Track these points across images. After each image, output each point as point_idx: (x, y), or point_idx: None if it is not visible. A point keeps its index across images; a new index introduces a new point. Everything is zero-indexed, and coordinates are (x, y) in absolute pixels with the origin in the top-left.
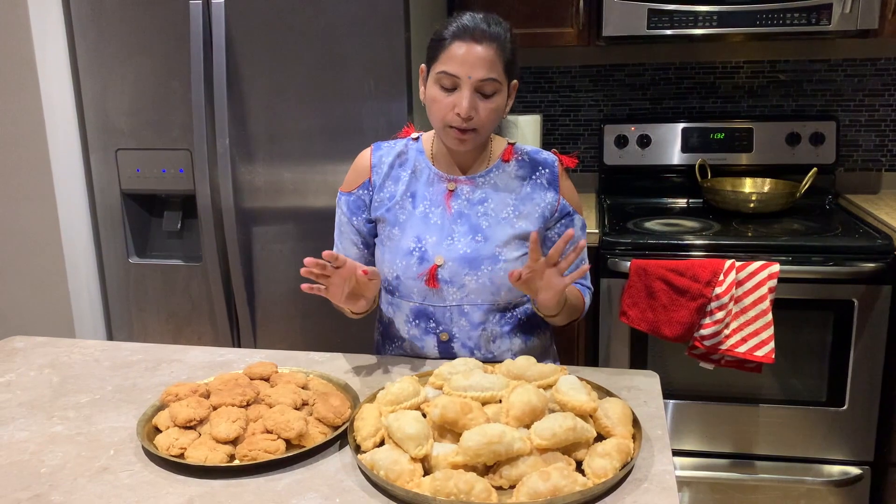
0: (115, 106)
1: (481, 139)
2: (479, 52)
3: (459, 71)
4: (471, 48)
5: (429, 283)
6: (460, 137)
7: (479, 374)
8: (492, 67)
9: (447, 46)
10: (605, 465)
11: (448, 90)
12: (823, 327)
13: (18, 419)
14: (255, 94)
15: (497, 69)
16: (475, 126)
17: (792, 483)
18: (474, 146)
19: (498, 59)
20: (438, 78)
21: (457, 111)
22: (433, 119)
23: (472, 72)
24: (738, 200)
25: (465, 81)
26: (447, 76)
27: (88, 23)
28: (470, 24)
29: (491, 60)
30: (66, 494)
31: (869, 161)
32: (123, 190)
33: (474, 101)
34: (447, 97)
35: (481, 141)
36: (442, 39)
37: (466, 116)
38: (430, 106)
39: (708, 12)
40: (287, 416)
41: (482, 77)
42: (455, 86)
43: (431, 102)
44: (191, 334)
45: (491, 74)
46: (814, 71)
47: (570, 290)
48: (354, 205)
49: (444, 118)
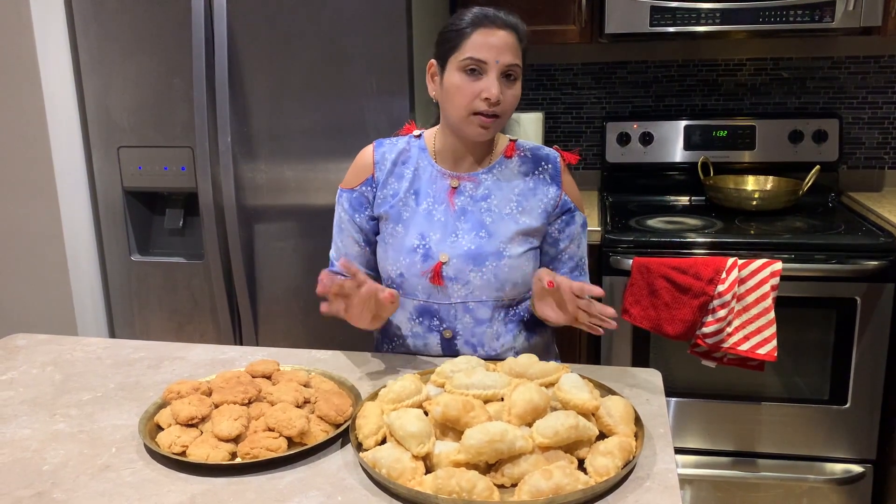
0: (117, 103)
1: (500, 127)
2: (505, 37)
3: (488, 56)
4: (497, 33)
5: (433, 281)
6: (485, 123)
7: (481, 372)
8: (515, 53)
9: (470, 35)
10: (608, 463)
11: (473, 77)
12: (826, 325)
13: (21, 417)
14: (257, 92)
15: (519, 55)
16: (500, 112)
17: (794, 481)
18: (494, 134)
19: (518, 46)
20: (464, 65)
21: (485, 96)
22: (455, 108)
23: (499, 56)
24: (740, 198)
25: (492, 66)
26: (474, 61)
27: (90, 20)
28: (490, 13)
29: (514, 46)
30: (68, 492)
31: (872, 159)
32: (125, 187)
33: (500, 86)
34: (473, 84)
35: (500, 129)
36: (461, 30)
37: (496, 99)
38: (453, 95)
39: (711, 9)
40: (289, 414)
41: (509, 62)
42: (482, 71)
43: (455, 91)
44: (193, 332)
45: (515, 60)
46: (817, 68)
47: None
48: (357, 201)
49: (470, 105)
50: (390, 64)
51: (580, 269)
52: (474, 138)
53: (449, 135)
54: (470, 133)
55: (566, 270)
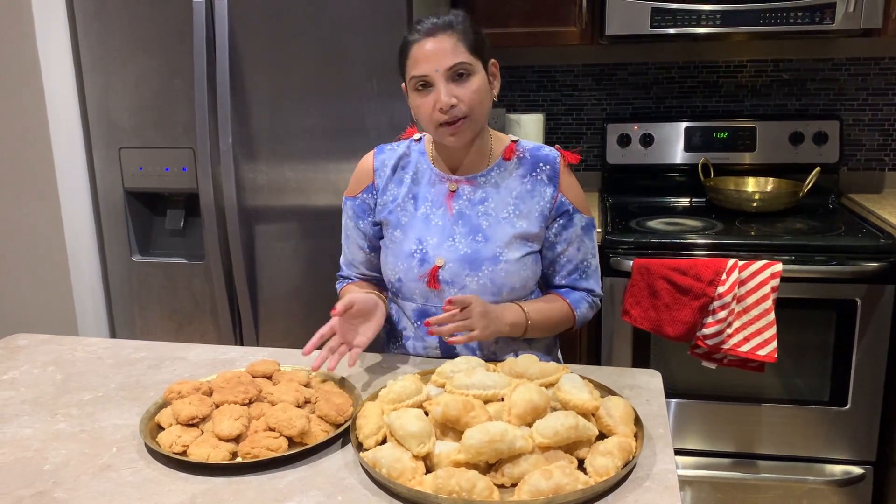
0: (118, 104)
1: (476, 125)
2: (437, 43)
3: (426, 68)
4: (430, 43)
5: (430, 285)
6: (453, 130)
7: (481, 372)
8: (455, 53)
9: (409, 53)
10: (607, 463)
11: (425, 92)
12: (826, 327)
13: (22, 416)
14: (258, 93)
15: (461, 52)
16: (463, 113)
17: (794, 482)
18: (472, 135)
19: (459, 43)
20: (413, 84)
21: (438, 106)
22: (425, 125)
23: (437, 64)
24: (740, 199)
25: (434, 76)
26: (419, 79)
27: (92, 21)
28: (422, 24)
29: (452, 46)
30: (69, 491)
31: (872, 160)
32: (126, 188)
33: (451, 89)
34: (427, 99)
35: (477, 128)
36: (402, 50)
37: (447, 105)
38: (417, 114)
39: (711, 11)
40: (289, 414)
41: (449, 65)
42: (430, 84)
43: (416, 110)
44: (193, 332)
45: (457, 59)
46: (817, 70)
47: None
48: (359, 209)
49: (432, 118)
50: (391, 65)
51: (579, 273)
52: (453, 145)
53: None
54: (446, 143)
55: (564, 274)
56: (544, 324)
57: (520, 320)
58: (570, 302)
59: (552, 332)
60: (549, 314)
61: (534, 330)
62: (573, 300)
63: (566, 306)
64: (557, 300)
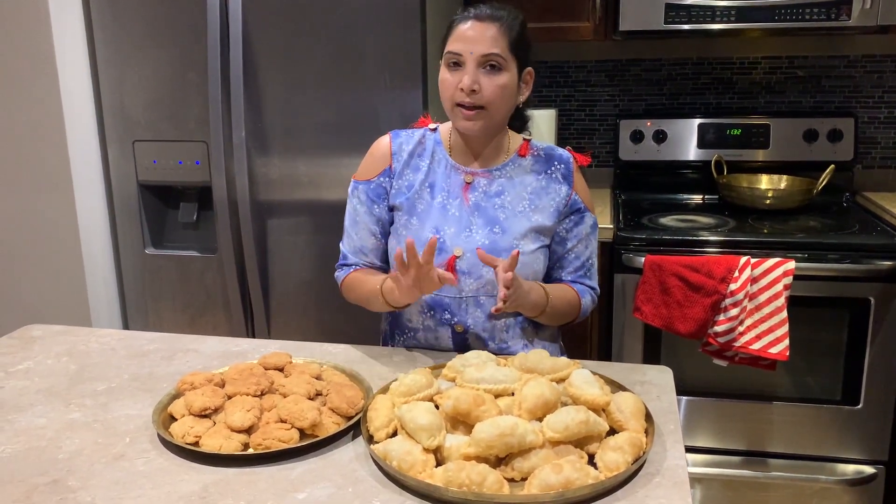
0: (132, 98)
1: (491, 120)
2: (481, 29)
3: (462, 48)
4: (474, 26)
5: None
6: (467, 115)
7: (492, 366)
8: (493, 43)
9: (454, 29)
10: (618, 458)
11: (454, 70)
12: (839, 325)
13: (37, 406)
14: (271, 87)
15: (500, 45)
16: (482, 103)
17: (805, 481)
18: (484, 128)
19: (501, 36)
20: (446, 59)
21: (460, 86)
22: (444, 102)
23: (473, 47)
24: (754, 197)
25: (467, 57)
26: (452, 55)
27: (107, 15)
28: (476, 8)
29: (493, 37)
30: (82, 480)
31: (888, 158)
32: (140, 181)
33: (477, 76)
34: (453, 76)
35: (492, 123)
36: (449, 26)
37: (469, 88)
38: (441, 89)
39: (726, 7)
40: (301, 406)
41: (484, 52)
42: (460, 64)
43: (441, 84)
44: (205, 325)
45: (493, 49)
46: (832, 67)
47: (563, 296)
48: (374, 193)
49: (452, 97)
50: (404, 59)
51: (585, 270)
52: (464, 131)
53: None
54: (459, 126)
55: (571, 270)
56: (559, 308)
57: (541, 301)
58: (578, 292)
59: (562, 318)
60: (563, 300)
61: (550, 313)
62: (579, 290)
63: (575, 295)
64: (567, 288)
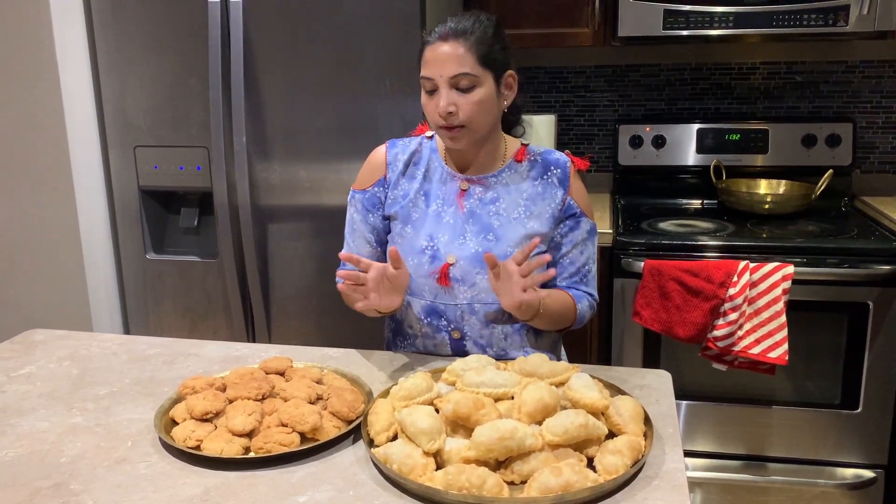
0: (133, 103)
1: (475, 135)
2: (447, 50)
3: (432, 72)
4: (438, 48)
5: (440, 282)
6: (451, 136)
7: (491, 370)
8: (461, 63)
9: (424, 53)
10: (617, 462)
11: (431, 94)
12: (838, 330)
13: (39, 410)
14: (272, 92)
15: (468, 62)
16: (462, 122)
17: (804, 485)
18: (470, 143)
19: (468, 53)
20: (422, 84)
21: (438, 112)
22: (430, 124)
23: (441, 70)
24: (752, 202)
25: (439, 81)
26: (426, 80)
27: (108, 20)
28: (442, 26)
29: (459, 56)
30: (84, 483)
31: (886, 163)
32: (141, 186)
33: (452, 98)
34: (431, 101)
35: (477, 137)
36: (421, 48)
37: (445, 112)
38: (424, 111)
39: (724, 13)
40: (302, 410)
41: (452, 73)
42: (434, 87)
43: (423, 108)
44: (206, 329)
45: (461, 69)
46: (831, 72)
47: (558, 299)
48: (369, 202)
49: (434, 120)
50: (404, 65)
51: (580, 276)
52: (450, 147)
53: None
54: (445, 144)
55: (566, 276)
56: (554, 311)
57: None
58: (574, 297)
59: (558, 323)
60: (558, 304)
61: (544, 315)
62: (576, 296)
63: (571, 300)
64: (563, 292)
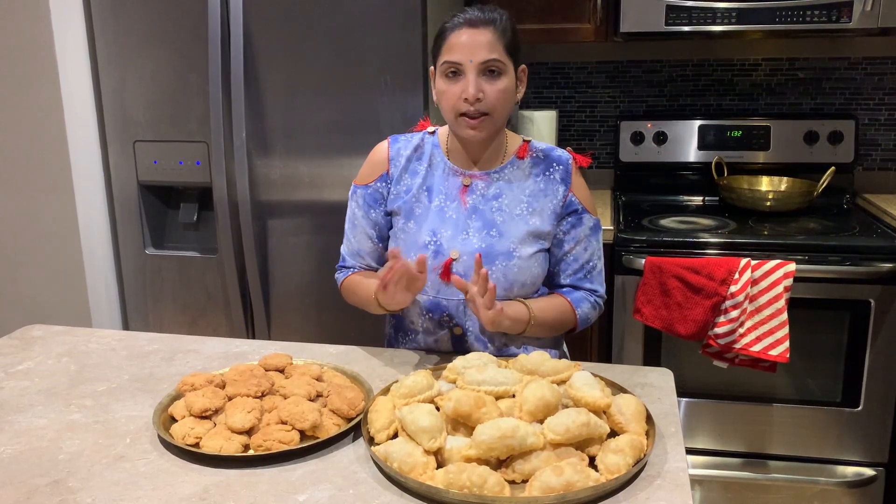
0: (133, 98)
1: (495, 125)
2: (478, 36)
3: (461, 57)
4: (469, 33)
5: (442, 277)
6: (473, 124)
7: (493, 368)
8: (492, 48)
9: (447, 38)
10: (618, 461)
11: (454, 80)
12: (839, 327)
13: (37, 406)
14: (272, 88)
15: (498, 49)
16: (486, 109)
17: (805, 483)
18: (489, 134)
19: (497, 41)
20: (443, 69)
21: (464, 96)
22: (445, 113)
23: (473, 55)
24: (754, 199)
25: (468, 66)
26: (451, 65)
27: (107, 15)
28: (465, 13)
29: (490, 42)
30: (83, 481)
31: (888, 160)
32: (140, 181)
33: (480, 84)
34: (454, 86)
35: (495, 128)
36: (441, 34)
37: (474, 98)
38: (440, 100)
39: (727, 9)
40: (301, 408)
41: (484, 59)
42: (460, 73)
43: (441, 96)
44: (206, 326)
45: (492, 55)
46: (833, 69)
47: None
48: (371, 198)
49: (455, 107)
50: (404, 61)
51: (584, 273)
52: (468, 139)
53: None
54: (462, 135)
55: (569, 273)
56: (547, 322)
57: (522, 316)
58: (572, 301)
59: (554, 331)
60: (551, 312)
61: (536, 328)
62: (575, 299)
63: (568, 305)
64: (559, 298)
